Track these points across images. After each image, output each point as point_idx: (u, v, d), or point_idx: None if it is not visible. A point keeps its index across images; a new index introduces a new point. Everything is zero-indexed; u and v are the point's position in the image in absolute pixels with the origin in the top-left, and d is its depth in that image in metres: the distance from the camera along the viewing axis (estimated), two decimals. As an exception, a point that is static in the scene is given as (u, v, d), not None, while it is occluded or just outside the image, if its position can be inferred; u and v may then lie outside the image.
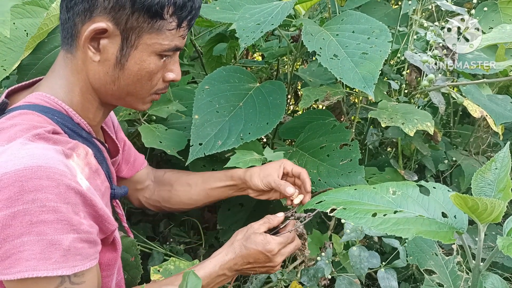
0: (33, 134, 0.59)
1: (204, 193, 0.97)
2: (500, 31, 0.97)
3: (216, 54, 1.50)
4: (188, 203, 0.99)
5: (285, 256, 0.82)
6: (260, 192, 0.94)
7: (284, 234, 0.82)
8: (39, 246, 0.53)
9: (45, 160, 0.55)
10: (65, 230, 0.55)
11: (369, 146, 1.43)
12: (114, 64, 0.67)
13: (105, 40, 0.66)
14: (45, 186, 0.54)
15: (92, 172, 0.66)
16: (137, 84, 0.70)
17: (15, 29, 0.85)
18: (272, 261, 0.80)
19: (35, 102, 0.67)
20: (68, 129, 0.68)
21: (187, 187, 0.99)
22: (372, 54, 0.94)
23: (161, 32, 0.67)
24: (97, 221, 0.61)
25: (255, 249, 0.79)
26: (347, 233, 0.91)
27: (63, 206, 0.55)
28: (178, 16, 0.68)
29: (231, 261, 0.79)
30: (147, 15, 0.65)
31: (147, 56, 0.68)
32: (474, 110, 1.09)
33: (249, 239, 0.80)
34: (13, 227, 0.53)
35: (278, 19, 0.96)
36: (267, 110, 1.06)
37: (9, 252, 0.53)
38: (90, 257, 0.58)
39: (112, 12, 0.64)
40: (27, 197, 0.53)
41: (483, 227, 0.65)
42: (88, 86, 0.70)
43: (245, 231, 0.82)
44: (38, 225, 0.53)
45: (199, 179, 0.98)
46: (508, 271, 1.09)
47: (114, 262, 0.68)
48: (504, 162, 0.68)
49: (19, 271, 0.52)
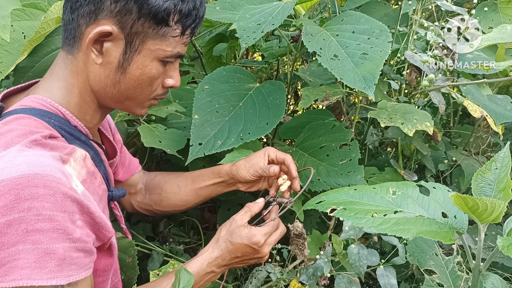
0: (30, 140, 0.59)
1: (194, 193, 0.97)
2: (500, 31, 0.97)
3: (216, 54, 1.50)
4: (180, 204, 0.99)
5: (272, 245, 0.83)
6: (250, 184, 0.94)
7: (268, 223, 0.82)
8: (34, 254, 0.52)
9: (41, 168, 0.55)
10: (61, 239, 0.54)
11: (369, 146, 1.43)
12: (116, 68, 0.68)
13: (108, 43, 0.66)
14: (42, 194, 0.53)
15: (89, 176, 0.65)
16: (137, 89, 0.70)
17: (13, 31, 0.85)
18: (260, 252, 0.80)
19: (32, 105, 0.66)
20: (65, 132, 0.67)
21: (177, 189, 0.99)
22: (372, 54, 0.94)
23: (165, 38, 0.68)
24: (94, 229, 0.60)
25: (240, 243, 0.79)
26: (345, 230, 0.91)
27: (60, 215, 0.54)
28: (183, 24, 0.68)
29: (218, 258, 0.79)
30: (153, 21, 0.66)
31: (150, 62, 0.69)
32: (474, 110, 1.09)
33: (234, 234, 0.80)
34: (9, 235, 0.52)
35: (279, 19, 0.96)
36: (267, 110, 1.06)
37: (4, 260, 0.52)
38: (85, 266, 0.58)
39: (118, 16, 0.64)
40: (23, 205, 0.52)
41: (483, 227, 0.65)
42: (87, 88, 0.69)
43: (228, 226, 0.82)
44: (33, 233, 0.52)
45: (188, 180, 0.98)
46: (508, 271, 1.09)
47: (110, 267, 0.68)
48: (504, 162, 0.68)
49: (13, 279, 0.52)
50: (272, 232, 0.82)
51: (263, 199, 0.88)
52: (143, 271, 1.20)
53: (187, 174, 1.01)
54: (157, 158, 1.55)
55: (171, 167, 1.48)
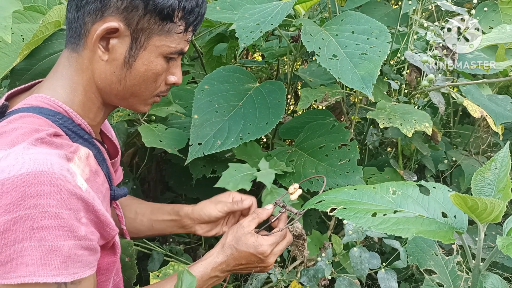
0: (36, 138, 0.59)
1: (148, 223, 0.95)
2: (500, 31, 0.97)
3: (216, 54, 1.50)
4: (132, 231, 0.96)
5: (277, 255, 0.82)
6: (210, 227, 0.92)
7: (276, 233, 0.81)
8: (39, 251, 0.53)
9: (48, 166, 0.55)
10: (66, 237, 0.54)
11: (369, 146, 1.43)
12: (122, 64, 0.68)
13: (114, 39, 0.67)
14: (47, 191, 0.54)
15: (93, 175, 0.66)
16: (142, 85, 0.71)
17: (11, 33, 0.84)
18: (265, 262, 0.80)
19: (35, 104, 0.67)
20: (69, 130, 0.68)
21: (133, 215, 0.96)
22: (371, 54, 0.94)
23: (169, 34, 0.69)
24: (99, 227, 0.61)
25: (246, 251, 0.79)
26: (348, 233, 0.91)
27: (65, 212, 0.55)
28: (186, 21, 0.70)
29: (223, 263, 0.79)
30: (159, 17, 0.67)
31: (155, 58, 0.70)
32: (474, 110, 1.09)
33: (240, 241, 0.79)
34: (14, 232, 0.52)
35: (278, 19, 0.96)
36: (267, 110, 1.06)
37: (10, 257, 0.52)
38: (89, 264, 0.58)
39: (125, 13, 0.65)
40: (29, 203, 0.53)
41: (483, 227, 0.65)
42: (92, 85, 0.70)
43: (235, 232, 0.81)
44: (39, 230, 0.53)
45: (148, 209, 0.96)
46: (508, 271, 1.09)
47: (112, 266, 0.68)
48: (503, 162, 0.68)
49: (19, 276, 0.52)
50: (279, 241, 0.81)
51: (272, 205, 0.85)
52: (143, 271, 1.20)
53: (149, 203, 0.99)
54: (157, 158, 1.55)
55: (171, 167, 1.48)
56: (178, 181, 1.43)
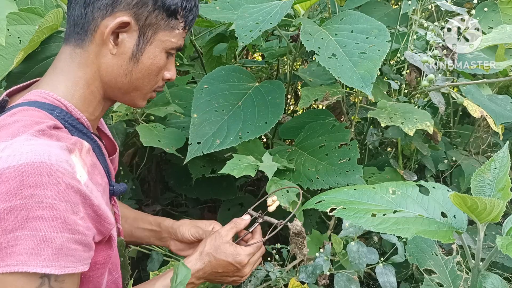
0: (37, 130, 0.60)
1: (128, 230, 0.96)
2: (500, 32, 0.96)
3: (216, 54, 1.50)
4: None
5: (252, 265, 0.84)
6: (182, 246, 0.94)
7: (254, 244, 0.83)
8: (32, 241, 0.53)
9: (48, 157, 0.56)
10: (60, 229, 0.54)
11: (369, 146, 1.43)
12: (129, 58, 0.71)
13: (124, 34, 0.69)
14: (45, 182, 0.54)
15: (93, 168, 0.67)
16: (146, 79, 0.74)
17: (9, 35, 0.84)
18: (241, 272, 0.82)
19: (34, 99, 0.67)
20: (68, 123, 0.68)
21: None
22: (370, 53, 0.94)
23: (173, 30, 0.73)
24: (96, 222, 0.61)
25: (225, 260, 0.80)
26: (345, 227, 0.91)
27: (61, 204, 0.55)
28: (186, 18, 0.74)
29: (200, 271, 0.81)
30: (165, 14, 0.71)
31: (159, 52, 0.73)
32: (474, 110, 1.09)
33: (219, 250, 0.81)
34: (8, 221, 0.53)
35: (277, 18, 0.96)
36: (266, 109, 1.06)
37: (2, 246, 0.53)
38: (83, 260, 0.58)
39: (135, 8, 0.68)
40: (26, 192, 0.53)
41: (482, 227, 0.65)
42: (95, 78, 0.72)
43: (213, 240, 0.82)
44: (33, 220, 0.53)
45: (131, 216, 0.97)
46: (508, 271, 1.08)
47: (108, 260, 0.68)
48: (503, 161, 0.68)
49: (9, 265, 0.52)
50: (255, 252, 0.84)
51: (249, 216, 0.88)
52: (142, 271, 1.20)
53: (134, 210, 1.00)
54: (157, 158, 1.55)
55: (171, 167, 1.48)
56: (178, 181, 1.43)
